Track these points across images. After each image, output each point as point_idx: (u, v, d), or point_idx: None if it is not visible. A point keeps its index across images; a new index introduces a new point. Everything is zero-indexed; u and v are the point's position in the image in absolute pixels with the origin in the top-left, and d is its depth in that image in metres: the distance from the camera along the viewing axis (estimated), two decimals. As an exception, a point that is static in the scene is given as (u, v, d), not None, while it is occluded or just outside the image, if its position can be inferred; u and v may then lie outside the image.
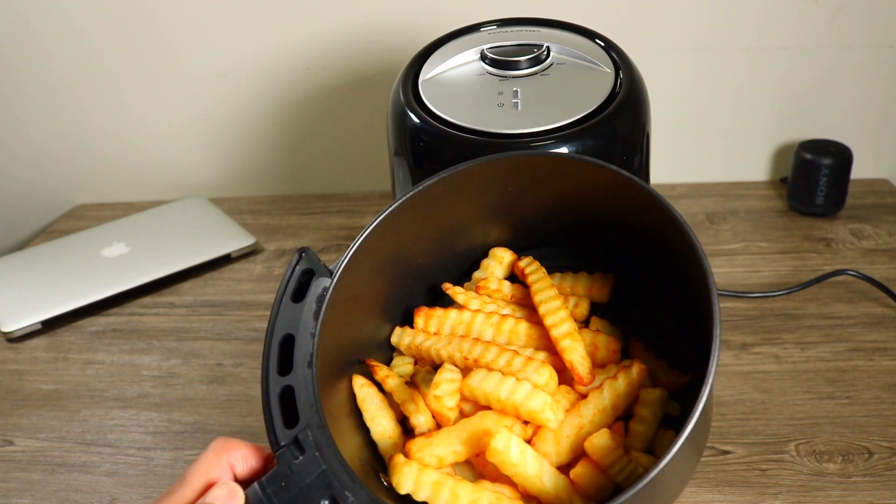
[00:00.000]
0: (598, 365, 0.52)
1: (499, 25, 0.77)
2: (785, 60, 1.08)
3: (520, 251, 0.60)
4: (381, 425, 0.51)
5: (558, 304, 0.52)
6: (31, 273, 1.02)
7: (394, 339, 0.57)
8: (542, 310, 0.53)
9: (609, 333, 0.54)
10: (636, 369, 0.50)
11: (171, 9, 1.11)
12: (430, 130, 0.67)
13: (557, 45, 0.72)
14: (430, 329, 0.56)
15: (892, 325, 0.86)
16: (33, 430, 0.80)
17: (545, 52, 0.71)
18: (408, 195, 0.52)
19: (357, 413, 0.53)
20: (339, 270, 0.51)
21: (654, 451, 0.50)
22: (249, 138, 1.19)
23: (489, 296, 0.57)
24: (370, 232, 0.51)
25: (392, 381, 0.52)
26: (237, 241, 1.06)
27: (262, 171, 1.22)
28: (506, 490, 0.48)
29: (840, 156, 1.03)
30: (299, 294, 0.51)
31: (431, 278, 0.60)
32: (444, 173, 0.52)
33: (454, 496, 0.46)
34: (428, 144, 0.68)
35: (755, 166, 1.17)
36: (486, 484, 0.48)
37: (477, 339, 0.53)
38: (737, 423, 0.75)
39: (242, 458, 0.48)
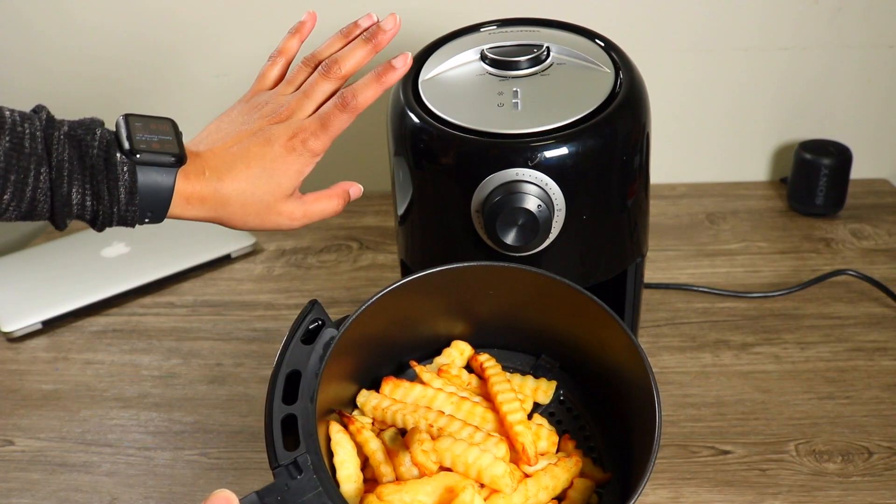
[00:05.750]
0: (538, 453, 0.62)
1: (499, 25, 0.77)
2: (785, 60, 1.08)
3: (477, 347, 0.68)
4: (348, 469, 0.58)
5: (513, 396, 0.62)
6: (31, 273, 1.02)
7: (359, 400, 0.64)
8: (498, 399, 0.62)
9: (548, 429, 0.63)
10: (575, 461, 0.60)
11: (170, 9, 1.11)
12: (429, 131, 0.67)
13: (557, 45, 0.72)
14: (396, 397, 0.64)
15: (892, 325, 0.86)
16: (33, 430, 0.80)
17: (545, 53, 0.71)
18: (402, 282, 0.60)
19: (327, 455, 0.59)
20: (346, 325, 0.58)
21: None
22: (249, 138, 1.19)
23: (449, 380, 0.65)
24: (365, 308, 0.59)
25: (367, 432, 0.60)
26: (237, 241, 1.06)
27: (262, 171, 1.21)
28: None
29: (840, 156, 1.04)
30: (309, 338, 0.57)
31: (397, 353, 0.67)
32: (429, 270, 0.61)
33: None
34: (428, 145, 0.68)
35: (755, 166, 1.17)
36: None
37: (441, 412, 0.61)
38: (736, 423, 0.75)
39: None
